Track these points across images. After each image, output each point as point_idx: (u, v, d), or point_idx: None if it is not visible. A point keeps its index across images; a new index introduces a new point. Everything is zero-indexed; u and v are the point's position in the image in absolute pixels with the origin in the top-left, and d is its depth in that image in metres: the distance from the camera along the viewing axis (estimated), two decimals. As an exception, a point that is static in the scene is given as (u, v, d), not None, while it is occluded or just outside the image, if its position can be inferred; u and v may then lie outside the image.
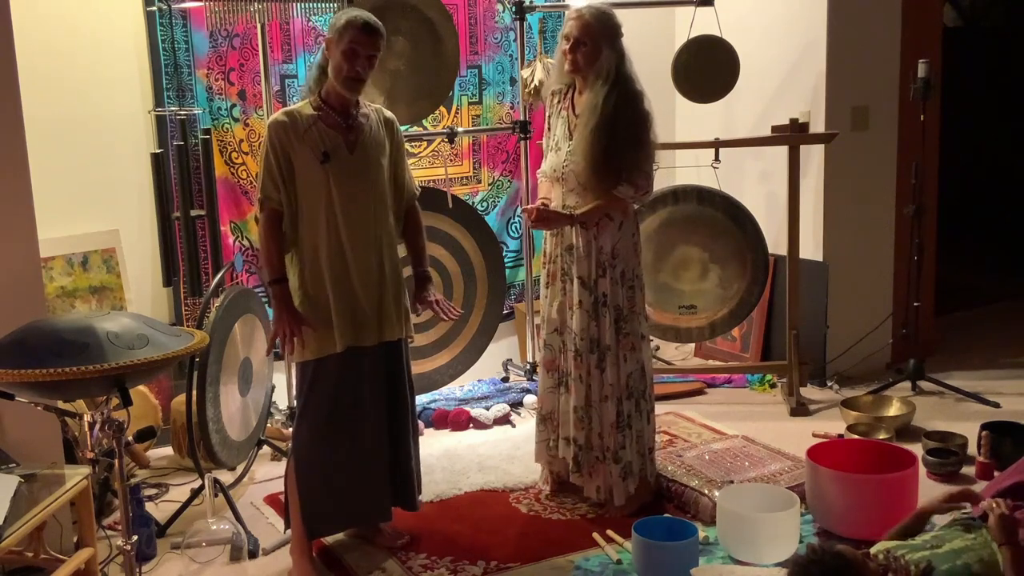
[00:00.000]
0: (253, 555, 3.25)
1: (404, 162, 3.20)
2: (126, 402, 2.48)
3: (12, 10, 3.01)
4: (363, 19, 2.92)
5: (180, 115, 3.92)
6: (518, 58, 4.70)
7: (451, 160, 4.87)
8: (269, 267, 3.00)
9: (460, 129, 4.71)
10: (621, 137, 3.27)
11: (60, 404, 2.80)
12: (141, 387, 3.87)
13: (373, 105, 3.13)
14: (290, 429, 4.03)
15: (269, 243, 2.99)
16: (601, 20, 3.31)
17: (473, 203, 4.88)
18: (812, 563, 2.39)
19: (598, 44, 3.29)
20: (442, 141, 4.78)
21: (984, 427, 3.81)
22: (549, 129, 3.51)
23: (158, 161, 3.84)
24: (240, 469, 3.86)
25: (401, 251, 3.26)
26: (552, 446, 3.58)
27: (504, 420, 4.45)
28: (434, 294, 3.22)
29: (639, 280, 3.46)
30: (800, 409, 4.44)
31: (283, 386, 4.21)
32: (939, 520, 2.93)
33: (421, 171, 4.74)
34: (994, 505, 2.58)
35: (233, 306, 3.65)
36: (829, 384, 4.75)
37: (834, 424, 4.23)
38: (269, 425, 4.12)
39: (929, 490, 3.54)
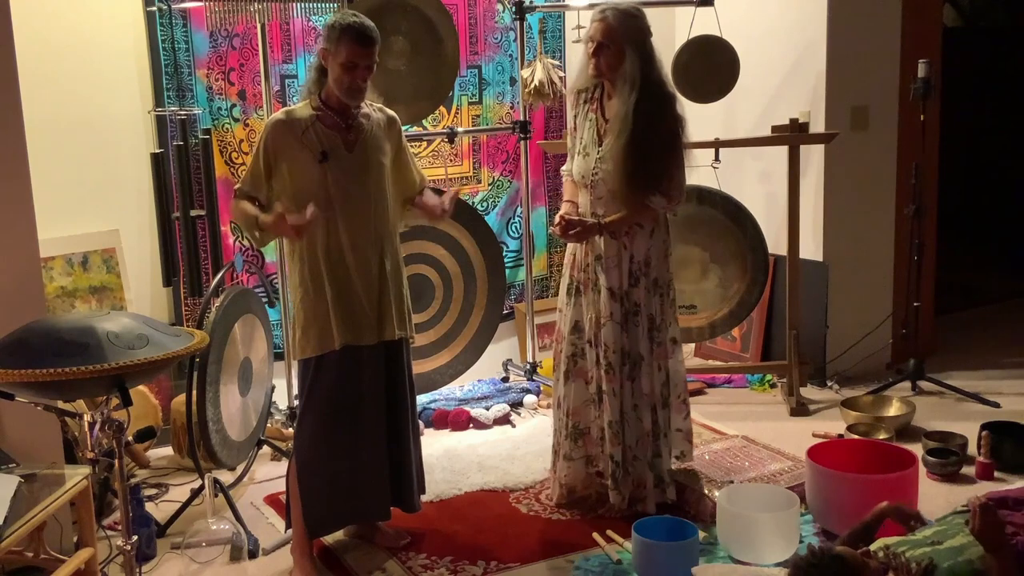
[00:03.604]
0: (253, 555, 3.25)
1: (409, 157, 3.20)
2: (126, 402, 2.48)
3: (12, 10, 3.02)
4: (357, 30, 2.88)
5: (180, 115, 3.91)
6: (518, 58, 4.69)
7: (451, 160, 4.87)
8: (251, 219, 2.96)
9: (460, 129, 4.71)
10: (655, 149, 3.19)
11: (60, 404, 2.80)
12: (141, 387, 3.87)
13: (374, 104, 3.13)
14: (290, 429, 4.04)
15: (241, 206, 2.98)
16: (625, 22, 3.19)
17: (473, 203, 4.88)
18: (811, 566, 2.38)
19: (621, 47, 3.19)
20: (442, 141, 4.77)
21: (984, 427, 3.81)
22: (575, 129, 3.40)
23: (158, 161, 3.84)
24: (240, 469, 3.86)
25: (405, 249, 3.26)
26: (591, 464, 3.46)
27: (504, 420, 4.45)
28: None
29: (670, 286, 3.39)
30: (800, 409, 4.44)
31: (283, 386, 4.21)
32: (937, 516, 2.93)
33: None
34: (977, 503, 2.41)
35: (233, 306, 3.65)
36: (829, 384, 4.75)
37: (834, 424, 4.23)
38: (269, 425, 4.12)
39: (929, 490, 3.54)
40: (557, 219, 3.31)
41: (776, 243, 4.72)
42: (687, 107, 4.85)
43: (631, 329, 3.34)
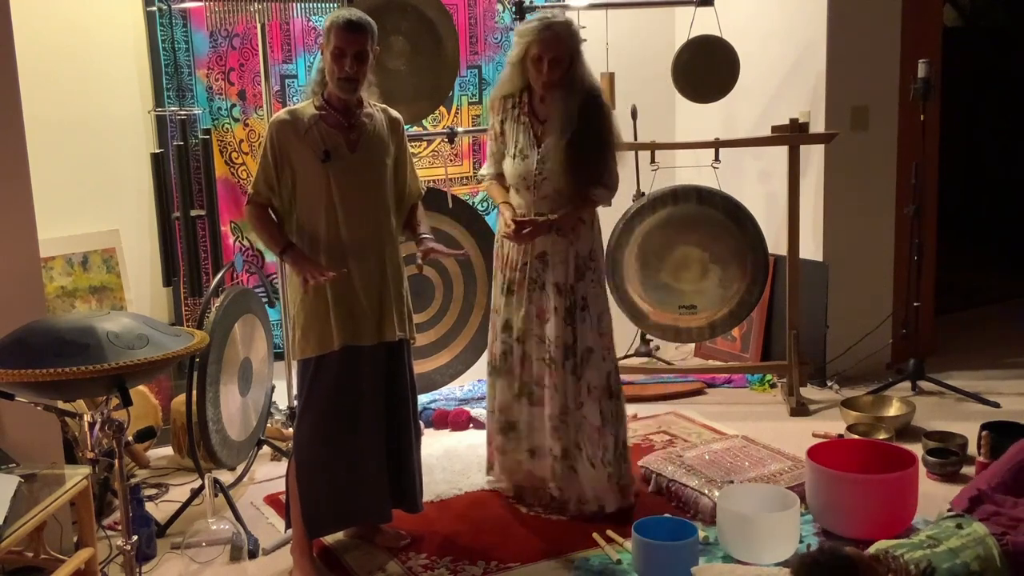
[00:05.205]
0: (253, 555, 3.25)
1: (408, 162, 3.20)
2: (126, 402, 2.48)
3: (12, 10, 3.02)
4: (345, 17, 2.92)
5: (180, 115, 3.91)
6: (518, 58, 4.69)
7: (451, 160, 4.87)
8: (273, 244, 3.01)
9: (460, 129, 4.70)
10: (596, 142, 3.30)
11: (60, 404, 2.80)
12: (141, 387, 3.87)
13: (379, 105, 3.13)
14: (290, 429, 4.04)
15: (262, 226, 3.02)
16: (571, 33, 3.29)
17: (473, 203, 4.88)
18: (816, 564, 2.38)
19: (573, 58, 3.29)
20: (442, 141, 4.78)
21: (984, 427, 3.81)
22: (502, 135, 3.46)
23: (158, 161, 3.84)
24: (240, 469, 3.86)
25: (406, 249, 3.26)
26: (534, 456, 3.52)
27: (504, 420, 4.44)
28: (430, 245, 3.16)
29: (604, 277, 3.50)
30: (800, 409, 4.44)
31: (283, 386, 4.21)
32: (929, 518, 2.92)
33: (421, 171, 4.71)
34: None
35: (233, 306, 3.65)
36: (829, 384, 4.75)
37: (834, 424, 4.23)
38: (269, 425, 4.12)
39: (929, 490, 3.54)
40: (509, 222, 3.34)
41: (776, 243, 4.72)
42: (688, 106, 4.92)
43: (578, 324, 3.38)
